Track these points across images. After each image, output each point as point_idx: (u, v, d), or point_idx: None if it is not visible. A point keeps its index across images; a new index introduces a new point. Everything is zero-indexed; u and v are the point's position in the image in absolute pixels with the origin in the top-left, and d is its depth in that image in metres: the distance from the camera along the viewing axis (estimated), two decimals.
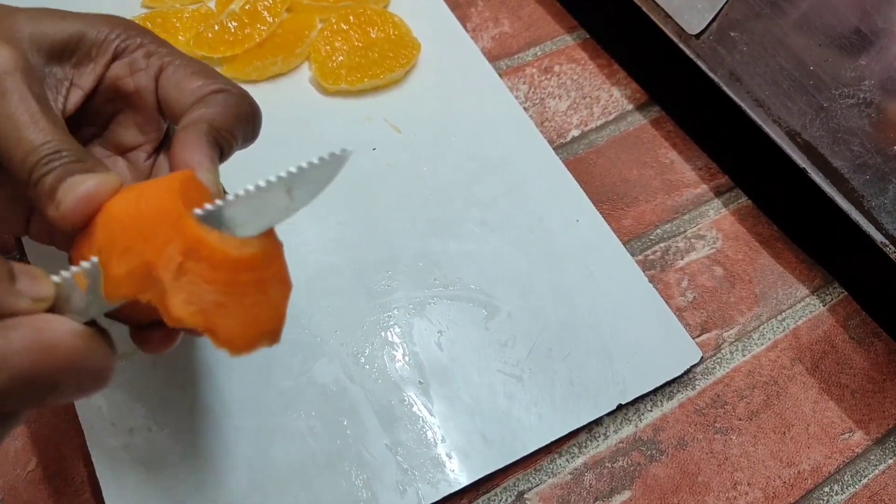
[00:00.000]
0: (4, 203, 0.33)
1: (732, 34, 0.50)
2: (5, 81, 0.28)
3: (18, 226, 0.34)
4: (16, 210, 0.34)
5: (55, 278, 0.26)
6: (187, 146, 0.29)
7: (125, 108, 0.34)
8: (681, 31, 0.52)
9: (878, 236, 0.46)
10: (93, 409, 0.40)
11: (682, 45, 0.53)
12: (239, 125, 0.32)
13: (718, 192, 0.54)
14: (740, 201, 0.54)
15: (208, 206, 0.27)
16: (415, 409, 0.42)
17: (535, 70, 0.59)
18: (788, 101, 0.48)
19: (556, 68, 0.59)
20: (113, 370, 0.26)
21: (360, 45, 0.54)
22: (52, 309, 0.25)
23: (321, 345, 0.44)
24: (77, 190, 0.27)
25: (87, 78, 0.32)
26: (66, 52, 0.31)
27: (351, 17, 0.55)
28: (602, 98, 0.58)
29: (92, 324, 0.26)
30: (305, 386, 0.42)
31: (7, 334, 0.23)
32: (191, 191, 0.28)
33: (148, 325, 0.30)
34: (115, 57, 0.32)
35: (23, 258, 0.43)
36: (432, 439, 0.41)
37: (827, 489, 0.44)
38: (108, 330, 0.27)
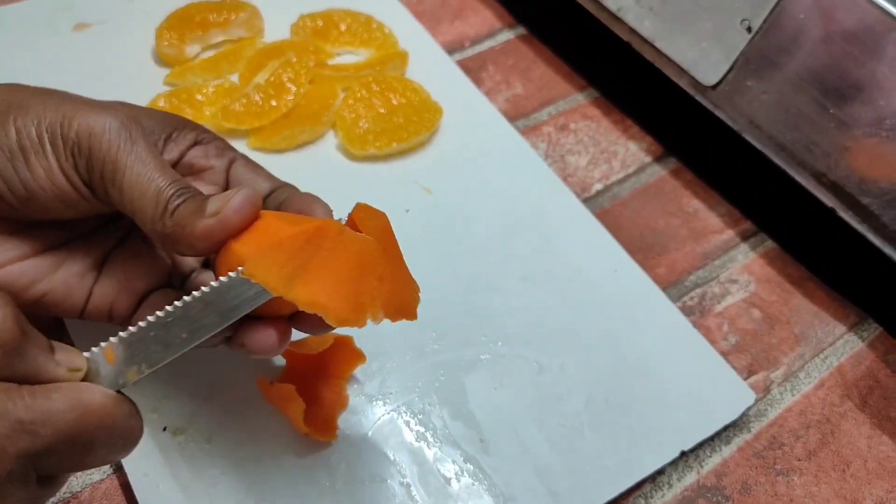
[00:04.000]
0: (72, 279, 0.35)
1: (749, 83, 0.52)
2: (133, 130, 0.31)
3: (77, 305, 0.35)
4: (81, 286, 0.35)
5: (86, 354, 0.28)
6: (315, 201, 0.36)
7: (192, 180, 0.37)
8: (696, 84, 0.54)
9: None
10: (151, 487, 0.38)
11: (698, 98, 0.55)
12: None
13: (745, 237, 0.55)
14: (766, 245, 0.55)
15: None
16: (478, 468, 0.41)
17: (551, 129, 0.60)
18: (811, 144, 0.49)
19: (572, 126, 0.61)
20: (141, 433, 0.29)
21: (384, 111, 0.55)
22: (84, 380, 0.28)
23: (377, 407, 0.43)
24: (238, 196, 0.31)
25: (172, 153, 0.35)
26: (155, 133, 0.35)
27: (373, 86, 0.56)
28: (619, 152, 0.59)
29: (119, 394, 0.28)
30: (365, 452, 0.41)
31: (50, 395, 0.25)
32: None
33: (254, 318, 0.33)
34: (195, 144, 0.37)
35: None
36: (500, 499, 0.40)
37: None
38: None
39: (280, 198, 0.36)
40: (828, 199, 0.49)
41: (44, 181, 0.31)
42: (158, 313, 0.29)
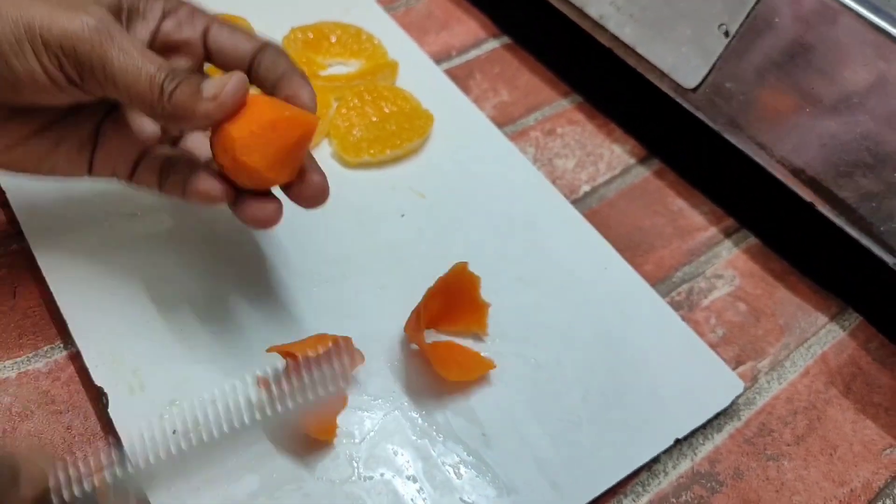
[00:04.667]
0: (72, 153, 0.39)
1: (728, 85, 0.54)
2: (110, 27, 0.33)
3: (82, 168, 0.40)
4: (81, 158, 0.40)
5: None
6: (302, 87, 0.38)
7: (170, 56, 0.38)
8: (677, 87, 0.56)
9: (889, 259, 0.49)
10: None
11: (679, 100, 0.56)
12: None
13: (728, 234, 0.57)
14: (749, 241, 0.57)
15: None
16: (481, 461, 0.42)
17: (538, 133, 0.62)
18: (790, 141, 0.51)
19: (559, 130, 0.62)
20: None
21: (377, 119, 0.57)
22: None
23: (380, 406, 0.44)
24: (231, 84, 0.34)
25: (143, 33, 0.37)
26: (119, 12, 0.36)
27: (365, 95, 0.57)
28: (605, 155, 0.61)
29: None
30: (371, 449, 0.42)
31: None
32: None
33: (250, 193, 0.38)
34: (164, 16, 0.37)
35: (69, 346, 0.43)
36: (504, 491, 0.42)
37: (880, 503, 0.46)
38: None
39: (264, 62, 0.38)
40: (806, 195, 0.51)
41: (27, 78, 0.33)
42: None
